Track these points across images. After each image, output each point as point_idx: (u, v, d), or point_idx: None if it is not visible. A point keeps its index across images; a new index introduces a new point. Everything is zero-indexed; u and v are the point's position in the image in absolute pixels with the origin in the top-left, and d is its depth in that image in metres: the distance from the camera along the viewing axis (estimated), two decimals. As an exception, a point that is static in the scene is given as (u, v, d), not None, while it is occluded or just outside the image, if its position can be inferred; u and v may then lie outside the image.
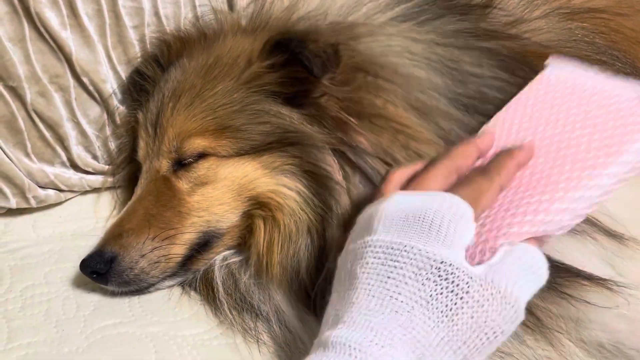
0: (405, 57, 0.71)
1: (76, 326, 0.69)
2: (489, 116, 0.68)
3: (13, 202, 0.85)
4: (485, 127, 0.66)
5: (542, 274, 0.52)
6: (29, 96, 0.84)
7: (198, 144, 0.72)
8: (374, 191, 0.62)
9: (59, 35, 0.83)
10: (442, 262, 0.50)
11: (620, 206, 0.66)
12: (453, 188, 0.56)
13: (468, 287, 0.49)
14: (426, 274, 0.50)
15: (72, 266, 0.77)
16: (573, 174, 0.56)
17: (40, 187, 0.87)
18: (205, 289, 0.74)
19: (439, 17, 0.77)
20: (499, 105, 0.69)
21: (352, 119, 0.69)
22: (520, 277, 0.50)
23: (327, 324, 0.53)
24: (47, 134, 0.86)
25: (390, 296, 0.50)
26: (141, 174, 0.79)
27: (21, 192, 0.85)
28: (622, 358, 0.62)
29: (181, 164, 0.74)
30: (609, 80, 0.64)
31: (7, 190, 0.85)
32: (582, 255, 0.64)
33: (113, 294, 0.74)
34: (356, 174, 0.69)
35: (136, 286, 0.73)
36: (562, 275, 0.62)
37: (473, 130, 0.68)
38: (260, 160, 0.71)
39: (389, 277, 0.51)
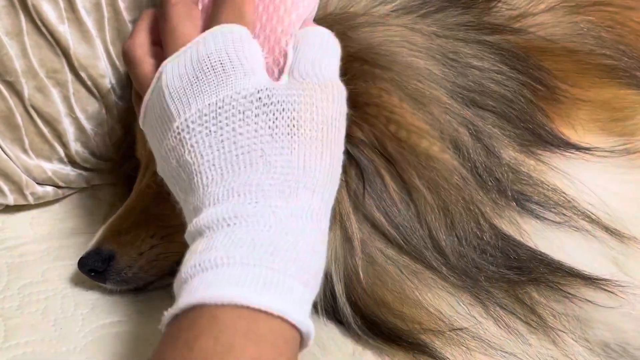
0: (404, 47, 0.69)
1: (74, 324, 0.69)
2: (487, 110, 0.67)
3: (10, 199, 0.85)
4: None
5: (333, 43, 0.51)
6: (26, 91, 0.83)
7: None
8: (132, 80, 0.55)
9: (57, 29, 0.82)
10: (258, 91, 0.47)
11: (624, 203, 0.66)
12: (210, 20, 0.51)
13: (292, 97, 0.47)
14: (251, 112, 0.47)
15: (71, 264, 0.76)
16: None
17: (38, 183, 0.86)
18: (204, 287, 0.73)
19: (440, 9, 0.75)
20: (498, 99, 0.68)
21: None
22: (319, 60, 0.49)
23: (189, 222, 0.48)
24: (45, 130, 0.85)
25: (236, 155, 0.46)
26: (140, 170, 0.78)
27: (19, 188, 0.85)
28: (628, 358, 0.61)
29: (180, 161, 0.73)
30: None
31: (4, 187, 0.84)
32: (586, 254, 0.64)
33: (112, 292, 0.73)
34: (352, 166, 0.67)
35: (135, 284, 0.72)
36: (565, 277, 0.61)
37: (470, 124, 0.67)
38: None
39: (222, 141, 0.47)
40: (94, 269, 0.71)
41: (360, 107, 0.66)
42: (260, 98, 0.47)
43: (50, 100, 0.84)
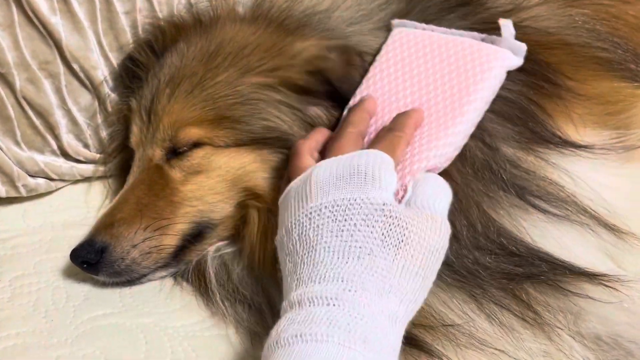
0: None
1: (66, 317, 0.69)
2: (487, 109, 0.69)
3: (2, 191, 0.84)
4: (360, 91, 0.72)
5: (446, 188, 0.60)
6: (18, 83, 0.82)
7: (194, 133, 0.71)
8: (289, 167, 0.65)
9: (49, 21, 0.82)
10: (384, 204, 0.56)
11: (620, 197, 0.66)
12: (369, 147, 0.64)
13: (408, 218, 0.55)
14: (373, 217, 0.55)
15: (63, 256, 0.76)
16: (447, 114, 0.67)
17: (30, 175, 0.85)
18: (198, 280, 0.73)
19: (444, 16, 0.76)
20: (499, 98, 0.69)
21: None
22: (434, 197, 0.58)
23: (290, 290, 0.55)
24: (37, 122, 0.84)
25: (349, 246, 0.54)
26: (133, 162, 0.77)
27: (10, 180, 0.84)
28: (621, 351, 0.61)
29: (175, 153, 0.73)
30: (447, 30, 0.74)
31: (-4, 179, 0.84)
32: (582, 248, 0.64)
33: (104, 285, 0.73)
34: None
35: (127, 277, 0.72)
36: (561, 273, 0.62)
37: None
38: (260, 154, 0.71)
39: (342, 231, 0.55)
40: (87, 261, 0.71)
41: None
42: (383, 209, 0.55)
43: (43, 92, 0.84)
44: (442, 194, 0.59)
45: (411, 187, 0.60)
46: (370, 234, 0.54)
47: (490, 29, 0.76)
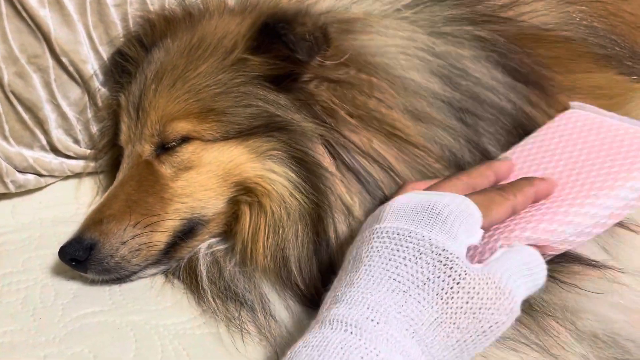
0: (400, 59, 0.70)
1: (54, 314, 0.68)
2: (482, 118, 0.69)
3: (-10, 187, 0.83)
4: (505, 154, 0.68)
5: (539, 274, 0.54)
6: (6, 77, 0.81)
7: (182, 127, 0.70)
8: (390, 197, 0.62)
9: (37, 14, 0.80)
10: (443, 250, 0.52)
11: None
12: (467, 195, 0.58)
13: (465, 274, 0.51)
14: (426, 258, 0.52)
15: (52, 253, 0.75)
16: (581, 193, 0.60)
17: (19, 171, 0.84)
18: (189, 277, 0.72)
19: (435, 3, 0.75)
20: (493, 108, 0.69)
21: (343, 110, 0.67)
22: (515, 272, 0.52)
23: (325, 305, 0.53)
24: (26, 117, 0.83)
25: (389, 277, 0.52)
26: (123, 158, 0.76)
27: (-2, 176, 0.83)
28: (618, 349, 0.61)
29: (164, 148, 0.72)
30: (626, 119, 0.68)
31: (-17, 175, 0.83)
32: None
33: (93, 282, 0.72)
34: (348, 171, 0.67)
35: (117, 274, 0.71)
36: (556, 262, 0.61)
37: (464, 138, 0.69)
38: (247, 144, 0.69)
39: (390, 260, 0.52)
40: (75, 258, 0.70)
41: (357, 116, 0.68)
42: (440, 255, 0.51)
43: (31, 86, 0.82)
44: (528, 273, 0.53)
45: (500, 253, 0.54)
46: (415, 273, 0.51)
47: (485, 22, 0.76)
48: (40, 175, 0.86)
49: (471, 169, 0.64)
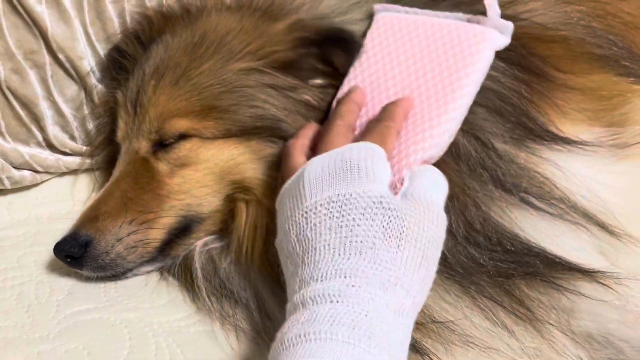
0: None
1: (48, 311, 0.67)
2: (479, 104, 0.68)
3: (-14, 183, 0.83)
4: (347, 78, 0.71)
5: (443, 181, 0.60)
6: (2, 73, 0.81)
7: (180, 124, 0.70)
8: (282, 168, 0.64)
9: (34, 9, 0.80)
10: (381, 197, 0.55)
11: (614, 194, 0.66)
12: (359, 139, 0.62)
13: (406, 209, 0.55)
14: (372, 210, 0.54)
15: (47, 250, 0.74)
16: (439, 100, 0.65)
17: (15, 167, 0.84)
18: (184, 274, 0.72)
19: (436, 3, 0.75)
20: (491, 94, 0.69)
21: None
22: (430, 189, 0.58)
23: (293, 293, 0.54)
24: (22, 113, 0.83)
25: (350, 241, 0.53)
26: (120, 155, 0.76)
27: (-6, 172, 0.83)
28: (612, 349, 0.61)
29: (161, 145, 0.72)
30: (431, 13, 0.73)
31: (-21, 171, 0.82)
32: (575, 244, 0.63)
33: (88, 279, 0.72)
34: None
35: (112, 271, 0.71)
36: (555, 269, 0.61)
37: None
38: (249, 145, 0.69)
39: (341, 227, 0.54)
40: (71, 255, 0.70)
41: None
42: (381, 202, 0.55)
43: (27, 82, 0.82)
44: (438, 186, 0.59)
45: (408, 179, 0.59)
46: (371, 228, 0.53)
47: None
48: (36, 171, 0.85)
49: (337, 109, 0.67)
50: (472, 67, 0.66)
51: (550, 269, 0.61)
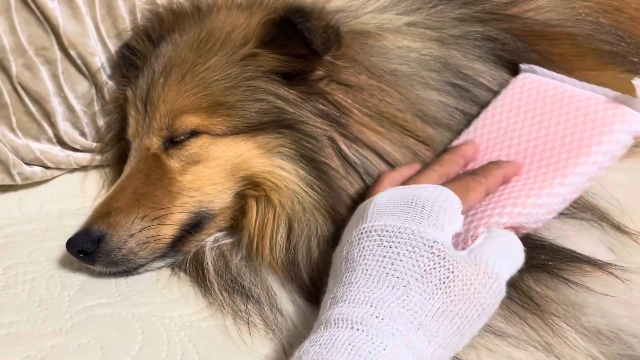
0: (409, 67, 0.71)
1: (60, 306, 0.68)
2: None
3: (-3, 179, 0.83)
4: (466, 131, 0.69)
5: (518, 254, 0.57)
6: (14, 69, 0.81)
7: (190, 121, 0.70)
8: (367, 191, 0.64)
9: (46, 6, 0.80)
10: (434, 242, 0.54)
11: (623, 191, 0.66)
12: (444, 184, 0.60)
13: (457, 262, 0.53)
14: (419, 251, 0.53)
15: (58, 245, 0.75)
16: (548, 173, 0.62)
17: (26, 163, 0.84)
18: (195, 270, 0.72)
19: (444, 3, 0.75)
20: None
21: (355, 109, 0.68)
22: (498, 255, 0.55)
23: (325, 307, 0.54)
24: (33, 109, 0.83)
25: (387, 273, 0.53)
26: (130, 151, 0.76)
27: (5, 168, 0.83)
28: (621, 345, 0.61)
29: (172, 142, 0.72)
30: (578, 83, 0.68)
31: (-10, 166, 0.83)
32: (584, 238, 0.63)
33: (99, 275, 0.72)
34: (353, 169, 0.68)
35: (124, 267, 0.71)
36: (562, 260, 0.61)
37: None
38: (256, 140, 0.69)
39: (384, 257, 0.54)
40: (83, 250, 0.70)
41: (367, 116, 0.69)
42: (432, 247, 0.53)
43: (39, 78, 0.82)
44: (509, 255, 0.56)
45: (481, 238, 0.57)
46: (412, 267, 0.53)
47: (493, 19, 0.76)
48: (47, 167, 0.86)
49: (441, 156, 0.66)
50: (598, 147, 0.61)
51: (556, 260, 0.61)
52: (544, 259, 0.61)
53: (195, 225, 0.72)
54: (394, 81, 0.70)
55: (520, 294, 0.61)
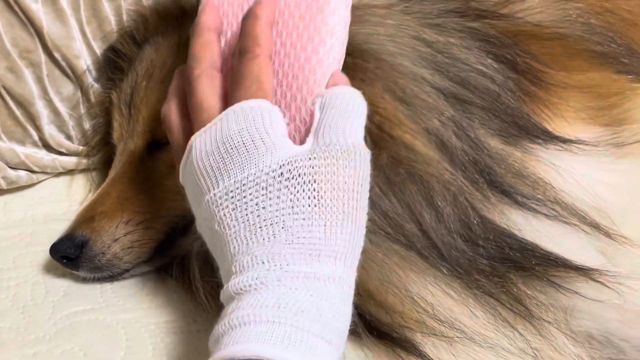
0: (389, 46, 0.68)
1: (44, 312, 0.67)
2: (472, 104, 0.67)
3: (-18, 183, 0.83)
4: None
5: (359, 105, 0.52)
6: (-3, 72, 0.81)
7: None
8: (171, 142, 0.58)
9: (30, 8, 0.79)
10: (280, 167, 0.49)
11: (613, 193, 0.65)
12: (231, 92, 0.53)
13: (315, 168, 0.49)
14: (274, 187, 0.49)
15: (43, 250, 0.74)
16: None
17: (11, 167, 0.83)
18: (182, 274, 0.71)
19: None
20: (484, 93, 0.67)
21: None
22: (343, 123, 0.50)
23: (226, 283, 0.50)
24: (18, 112, 0.82)
25: (259, 227, 0.49)
26: (115, 155, 0.76)
27: (-10, 172, 0.82)
28: (612, 349, 0.61)
29: (157, 145, 0.71)
30: None
31: (-25, 171, 0.82)
32: (575, 245, 0.63)
33: (84, 280, 0.71)
34: None
35: (109, 272, 0.70)
36: (551, 265, 0.60)
37: (454, 119, 0.66)
38: None
39: (246, 215, 0.49)
40: (66, 255, 0.69)
41: None
42: (282, 173, 0.49)
43: (23, 81, 0.82)
44: (354, 115, 0.52)
45: (318, 109, 0.51)
46: (277, 206, 0.48)
47: (478, 16, 0.75)
48: (32, 171, 0.85)
49: (190, 49, 0.57)
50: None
51: (545, 265, 0.60)
52: (534, 263, 0.61)
53: (181, 229, 0.71)
54: (373, 60, 0.66)
55: (510, 298, 0.60)
